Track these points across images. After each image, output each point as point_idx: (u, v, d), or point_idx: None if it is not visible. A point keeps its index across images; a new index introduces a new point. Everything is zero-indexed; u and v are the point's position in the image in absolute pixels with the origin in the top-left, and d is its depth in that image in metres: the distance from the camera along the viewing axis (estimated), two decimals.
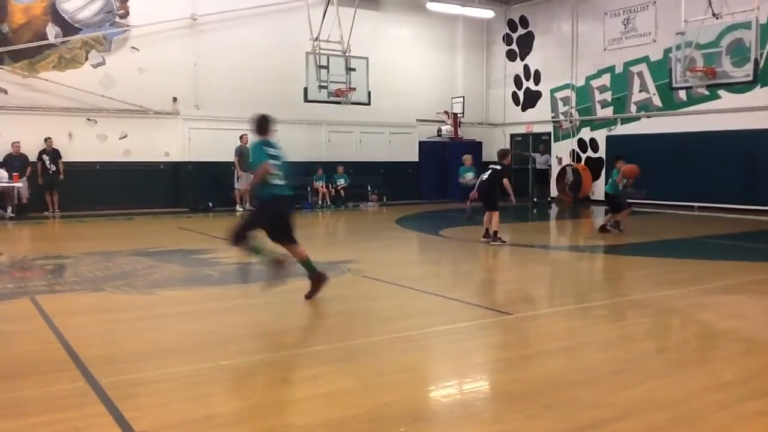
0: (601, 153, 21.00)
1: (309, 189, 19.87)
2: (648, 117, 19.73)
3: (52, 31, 16.87)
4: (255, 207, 6.75)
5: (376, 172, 21.16)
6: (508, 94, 24.15)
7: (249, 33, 19.11)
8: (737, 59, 15.08)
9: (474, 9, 21.93)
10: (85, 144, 17.21)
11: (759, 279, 8.36)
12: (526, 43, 23.45)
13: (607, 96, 20.85)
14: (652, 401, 3.95)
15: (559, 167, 22.00)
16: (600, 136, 21.14)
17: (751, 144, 16.98)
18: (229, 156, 18.07)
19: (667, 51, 16.98)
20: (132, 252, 10.20)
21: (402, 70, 21.82)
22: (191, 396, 4.08)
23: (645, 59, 19.62)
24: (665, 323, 6.26)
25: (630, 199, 12.92)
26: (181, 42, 18.38)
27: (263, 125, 6.65)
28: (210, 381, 4.33)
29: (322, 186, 19.78)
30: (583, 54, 21.44)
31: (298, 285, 7.82)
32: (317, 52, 16.59)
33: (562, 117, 22.29)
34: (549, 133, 22.77)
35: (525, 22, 23.41)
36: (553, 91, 22.54)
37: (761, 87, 15.99)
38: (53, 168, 16.34)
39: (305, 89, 16.74)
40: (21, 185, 15.88)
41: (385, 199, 21.02)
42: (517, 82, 23.84)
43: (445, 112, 22.95)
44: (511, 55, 23.99)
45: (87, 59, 17.32)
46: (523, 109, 23.72)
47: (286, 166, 6.61)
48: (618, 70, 20.44)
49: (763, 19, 14.19)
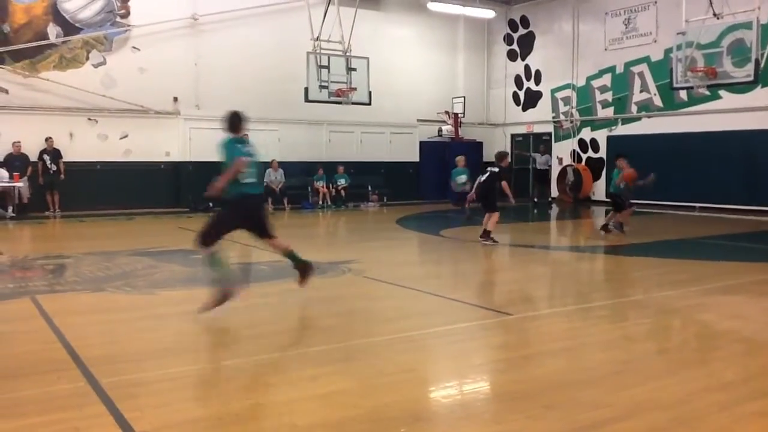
0: (602, 153, 20.99)
1: (310, 189, 19.89)
2: (649, 117, 19.72)
3: (53, 31, 16.87)
4: (223, 207, 6.52)
5: (376, 172, 21.16)
6: (508, 94, 24.15)
7: (250, 33, 19.12)
8: (738, 59, 15.08)
9: (475, 9, 21.93)
10: (86, 144, 17.22)
11: (759, 279, 8.35)
12: (526, 43, 23.45)
13: (608, 96, 20.85)
14: (652, 402, 3.96)
15: (560, 167, 22.00)
16: (601, 136, 21.14)
17: (752, 144, 16.97)
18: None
19: (668, 51, 16.98)
20: (132, 252, 10.21)
21: (403, 70, 21.82)
22: (192, 396, 4.08)
23: (646, 59, 19.61)
24: (666, 324, 6.26)
25: (642, 183, 12.70)
26: (182, 42, 18.38)
27: (235, 122, 6.52)
28: (210, 381, 4.33)
29: (322, 186, 19.78)
30: (584, 54, 21.44)
31: (297, 286, 7.83)
32: (318, 52, 16.59)
33: (562, 117, 22.28)
34: (550, 134, 22.77)
35: (526, 22, 23.41)
36: (554, 91, 22.54)
37: (762, 87, 15.97)
38: (54, 168, 16.35)
39: (306, 89, 16.74)
40: (22, 185, 15.89)
41: (386, 199, 21.01)
42: (518, 82, 23.84)
43: (446, 112, 22.94)
44: (512, 55, 23.98)
45: (88, 59, 17.32)
46: (524, 109, 23.71)
47: (257, 164, 6.53)
48: (619, 70, 20.43)
49: (764, 19, 14.17)
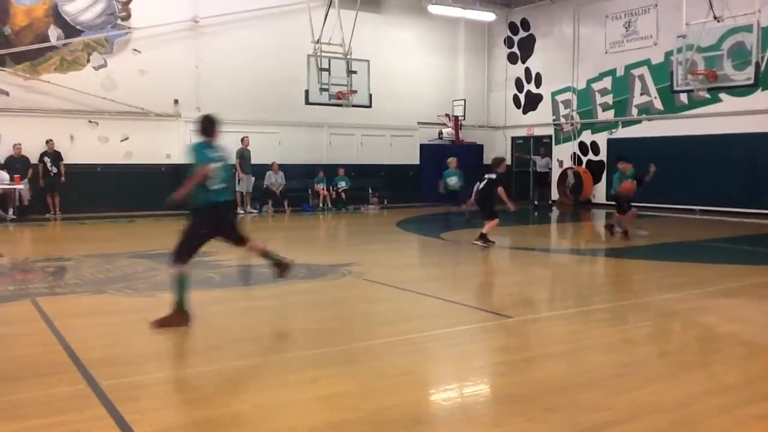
0: (602, 156, 21.00)
1: (310, 191, 19.90)
2: (649, 120, 19.73)
3: (54, 33, 16.89)
4: (191, 216, 6.28)
5: (377, 174, 21.16)
6: (509, 96, 24.16)
7: (250, 35, 19.13)
8: (738, 62, 15.08)
9: (475, 12, 21.94)
10: (87, 146, 17.23)
11: (760, 282, 8.35)
12: (527, 46, 23.46)
13: (608, 99, 20.85)
14: (653, 405, 3.95)
15: (560, 170, 22.00)
16: (601, 139, 21.14)
17: (753, 147, 16.97)
18: (230, 158, 18.04)
19: (669, 54, 16.99)
20: (133, 254, 10.21)
21: (403, 72, 21.83)
22: (192, 398, 4.08)
23: (646, 62, 19.62)
24: (666, 327, 6.26)
25: (646, 179, 12.50)
26: (183, 44, 18.40)
27: (207, 126, 6.32)
28: (211, 384, 4.33)
29: (323, 188, 19.78)
30: (585, 57, 21.45)
31: (299, 288, 7.83)
32: (318, 54, 16.60)
33: (563, 120, 22.29)
34: (550, 136, 22.77)
35: (526, 25, 23.43)
36: (554, 94, 22.55)
37: (762, 90, 15.97)
38: (54, 170, 16.36)
39: (306, 92, 16.78)
40: (22, 187, 15.90)
41: (386, 202, 21.02)
42: (519, 84, 23.85)
43: (446, 114, 22.95)
44: (513, 58, 24.00)
45: (89, 61, 17.34)
46: (524, 112, 23.72)
47: (227, 170, 6.35)
48: (619, 73, 20.44)
49: (765, 22, 14.13)
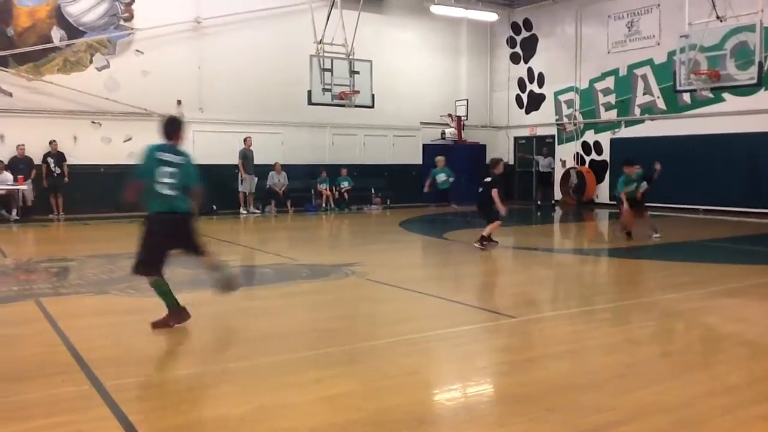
0: (605, 156, 20.99)
1: (313, 192, 19.91)
2: (652, 120, 19.71)
3: (57, 35, 16.93)
4: (144, 224, 5.91)
5: (379, 174, 21.17)
6: (511, 97, 24.15)
7: (253, 36, 19.15)
8: (741, 62, 15.05)
9: (478, 12, 21.96)
10: (90, 147, 17.26)
11: (763, 282, 8.34)
12: (529, 46, 23.45)
13: (611, 99, 20.84)
14: (656, 405, 3.95)
15: (563, 170, 21.99)
16: (604, 139, 21.12)
17: (756, 147, 16.94)
18: (233, 159, 18.12)
19: (671, 54, 16.98)
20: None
21: (406, 73, 21.83)
22: (196, 399, 4.09)
23: (649, 62, 19.60)
24: (669, 327, 6.25)
25: (654, 177, 12.38)
26: (186, 45, 18.42)
27: (167, 129, 5.98)
28: (214, 384, 4.34)
29: (325, 189, 19.79)
30: (587, 57, 21.43)
31: (302, 288, 7.85)
32: (321, 55, 16.61)
33: (565, 120, 22.28)
34: (553, 136, 22.76)
35: (529, 25, 23.42)
36: (557, 94, 22.54)
37: (765, 90, 15.88)
38: (58, 171, 16.39)
39: (309, 92, 16.78)
40: (26, 188, 15.94)
41: (389, 202, 21.02)
42: (521, 84, 23.84)
43: (449, 115, 22.96)
44: (515, 58, 23.99)
45: (91, 62, 17.37)
46: (527, 112, 23.71)
47: (184, 175, 5.78)
48: (622, 72, 20.42)
49: None
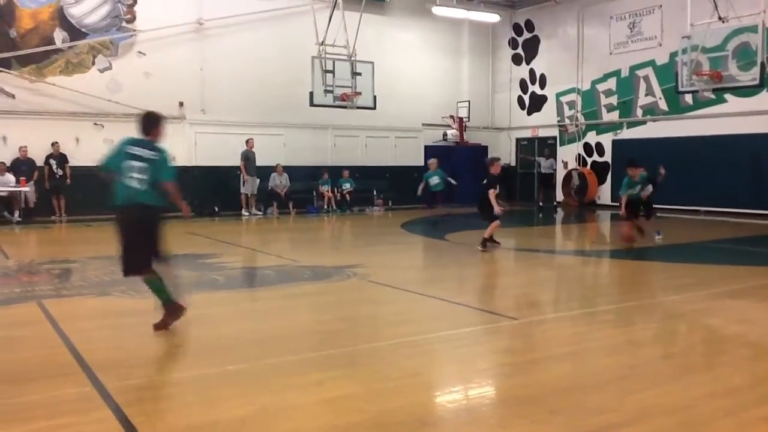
0: (607, 157, 20.97)
1: (315, 193, 19.92)
2: (654, 121, 19.70)
3: (59, 36, 16.96)
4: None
5: (381, 176, 21.16)
6: (513, 98, 24.15)
7: (255, 37, 19.18)
8: (743, 63, 15.03)
9: (479, 13, 21.96)
10: (92, 148, 17.17)
11: (766, 284, 8.31)
12: (531, 47, 23.45)
13: (613, 100, 20.82)
14: (658, 407, 3.94)
15: (565, 171, 21.97)
16: (606, 140, 21.11)
17: (758, 148, 16.92)
18: (235, 160, 18.13)
19: (673, 55, 16.97)
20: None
21: (407, 74, 21.84)
22: (198, 401, 4.09)
23: (651, 63, 19.59)
24: (671, 328, 6.24)
25: (658, 180, 12.39)
26: (188, 46, 18.45)
27: (145, 124, 5.82)
28: (216, 386, 4.34)
29: (327, 190, 19.79)
30: (589, 58, 21.43)
31: (304, 289, 7.85)
32: (323, 56, 16.64)
33: (567, 121, 22.26)
34: (555, 137, 22.76)
35: (531, 26, 23.42)
36: (559, 95, 22.53)
37: (767, 91, 15.93)
38: (60, 172, 16.41)
39: (311, 93, 16.81)
40: (28, 189, 15.96)
41: (391, 204, 21.02)
42: (523, 86, 23.84)
43: (451, 116, 22.96)
44: (517, 59, 23.99)
45: (94, 64, 17.41)
46: (529, 113, 23.71)
47: (153, 171, 5.59)
48: (624, 73, 20.41)
49: None
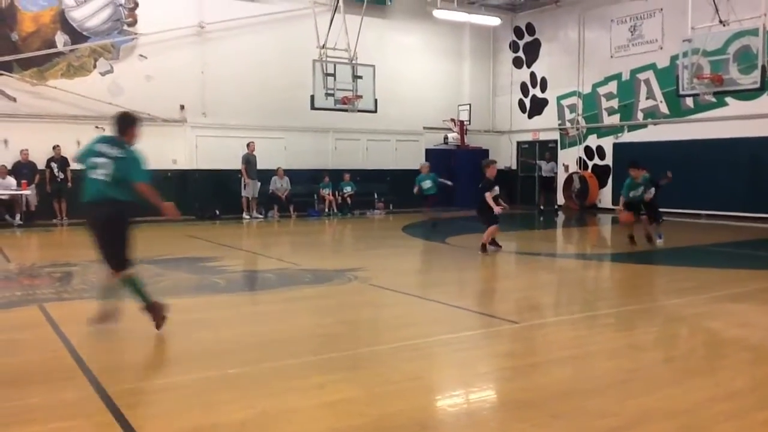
0: (608, 161, 20.97)
1: (316, 196, 19.93)
2: (655, 124, 19.70)
3: (60, 40, 16.99)
4: None
5: (382, 179, 21.17)
6: (514, 101, 24.16)
7: (256, 41, 19.20)
8: (744, 66, 15.03)
9: (480, 16, 21.98)
10: None
11: (766, 287, 8.31)
12: (532, 51, 23.47)
13: (614, 103, 20.83)
14: (659, 410, 3.94)
15: (566, 175, 21.97)
16: (607, 143, 21.11)
17: (759, 151, 16.91)
18: (237, 163, 18.15)
19: (674, 58, 16.97)
20: (139, 260, 10.21)
21: (408, 77, 21.86)
22: (198, 404, 4.09)
23: (652, 66, 19.60)
24: (672, 332, 6.24)
25: (662, 183, 12.46)
26: (189, 50, 18.47)
27: (119, 124, 5.85)
28: (217, 389, 4.34)
29: (328, 193, 19.80)
30: (590, 61, 21.44)
31: (305, 293, 7.85)
32: (324, 59, 16.64)
33: (568, 124, 22.27)
34: (556, 141, 22.76)
35: (531, 29, 23.44)
36: (560, 99, 22.54)
37: None
38: (61, 176, 16.41)
39: (312, 97, 16.81)
40: (29, 193, 15.98)
41: (392, 207, 21.02)
42: (524, 89, 23.85)
43: (452, 119, 22.98)
44: (518, 63, 24.01)
45: (95, 67, 17.43)
46: (530, 117, 23.72)
47: (117, 168, 5.57)
48: (625, 77, 20.42)
49: None
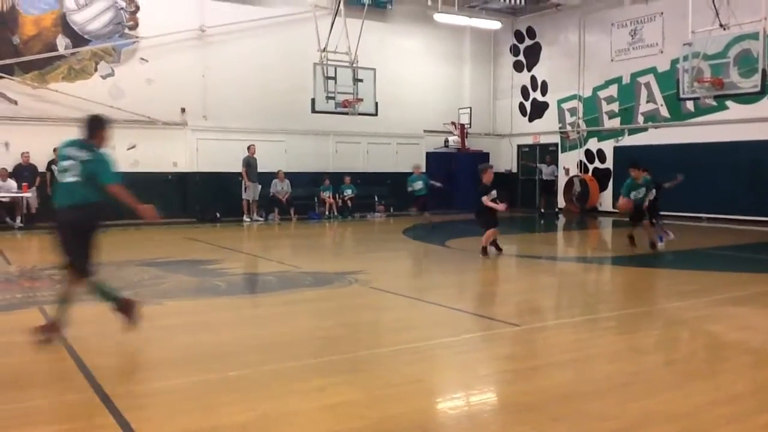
0: (609, 164, 20.98)
1: (316, 199, 19.93)
2: (655, 128, 19.70)
3: (62, 43, 17.02)
4: None
5: (383, 182, 21.17)
6: (515, 104, 24.17)
7: (257, 44, 19.23)
8: (745, 70, 15.05)
9: (481, 20, 22.01)
10: None
11: (767, 291, 8.31)
12: (533, 54, 23.49)
13: (615, 107, 20.84)
14: (660, 414, 3.93)
15: (567, 178, 21.98)
16: (607, 146, 21.12)
17: (759, 155, 16.91)
18: (237, 166, 18.15)
19: (675, 62, 16.97)
20: (140, 262, 10.24)
21: (409, 80, 21.88)
22: (198, 406, 4.08)
23: (652, 70, 19.61)
24: (673, 335, 6.24)
25: (668, 186, 12.50)
26: (190, 53, 18.49)
27: (87, 127, 5.76)
28: (217, 392, 4.34)
29: (329, 196, 19.81)
30: (590, 65, 21.46)
31: (305, 295, 7.85)
32: (325, 63, 16.66)
33: (569, 128, 22.28)
34: (556, 144, 22.77)
35: (532, 33, 23.46)
36: (560, 102, 22.55)
37: None
38: None
39: (313, 100, 16.83)
40: (30, 195, 15.97)
41: (392, 210, 21.02)
42: (524, 92, 23.86)
43: (452, 122, 22.98)
44: (518, 66, 24.03)
45: (96, 70, 17.46)
46: (530, 120, 23.73)
47: (84, 170, 5.50)
48: (625, 80, 20.43)
49: None
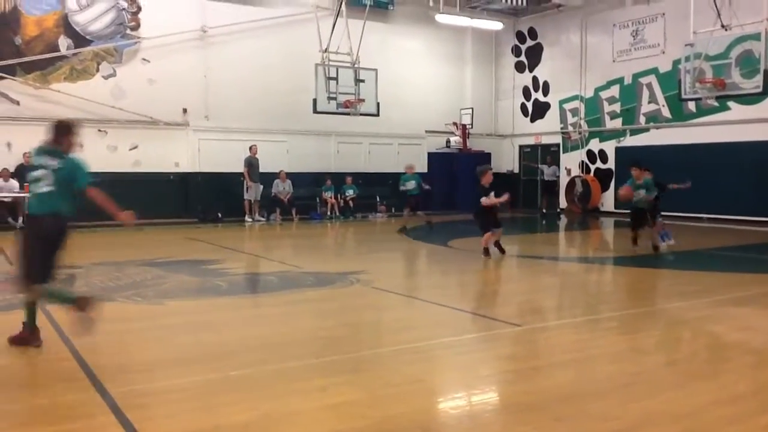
0: (610, 164, 20.98)
1: (318, 200, 19.94)
2: (657, 128, 19.69)
3: (64, 43, 17.04)
4: None
5: (384, 183, 21.16)
6: (516, 105, 24.18)
7: (259, 45, 19.24)
8: (747, 70, 15.06)
9: (483, 21, 22.02)
10: (96, 155, 17.13)
11: None
12: (534, 55, 23.49)
13: (616, 107, 20.84)
14: (662, 414, 3.93)
15: (568, 178, 21.97)
16: (609, 147, 21.12)
17: (761, 155, 16.90)
18: (239, 167, 18.17)
19: (676, 62, 16.98)
20: (142, 262, 10.25)
21: (411, 81, 21.89)
22: (200, 406, 4.09)
23: (654, 71, 19.61)
24: (675, 335, 6.23)
25: (675, 187, 12.43)
26: (192, 54, 18.51)
27: (54, 133, 5.73)
28: (219, 391, 4.34)
29: (331, 197, 19.82)
30: (592, 65, 21.46)
31: (307, 296, 7.86)
32: (326, 63, 16.68)
33: (570, 128, 22.28)
34: (558, 145, 22.76)
35: (534, 33, 23.46)
36: (562, 103, 22.55)
37: None
38: None
39: (314, 100, 16.86)
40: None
41: (394, 210, 21.02)
42: (526, 93, 23.87)
43: (454, 123, 22.98)
44: (520, 67, 24.03)
45: (98, 71, 17.48)
46: (532, 121, 23.73)
47: (57, 179, 5.48)
48: (627, 81, 20.43)
49: None
